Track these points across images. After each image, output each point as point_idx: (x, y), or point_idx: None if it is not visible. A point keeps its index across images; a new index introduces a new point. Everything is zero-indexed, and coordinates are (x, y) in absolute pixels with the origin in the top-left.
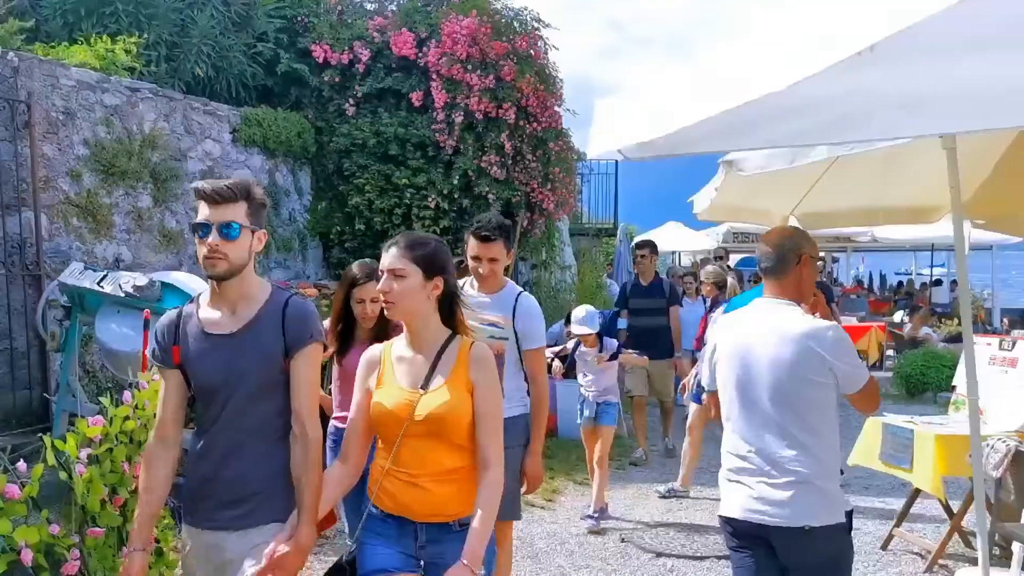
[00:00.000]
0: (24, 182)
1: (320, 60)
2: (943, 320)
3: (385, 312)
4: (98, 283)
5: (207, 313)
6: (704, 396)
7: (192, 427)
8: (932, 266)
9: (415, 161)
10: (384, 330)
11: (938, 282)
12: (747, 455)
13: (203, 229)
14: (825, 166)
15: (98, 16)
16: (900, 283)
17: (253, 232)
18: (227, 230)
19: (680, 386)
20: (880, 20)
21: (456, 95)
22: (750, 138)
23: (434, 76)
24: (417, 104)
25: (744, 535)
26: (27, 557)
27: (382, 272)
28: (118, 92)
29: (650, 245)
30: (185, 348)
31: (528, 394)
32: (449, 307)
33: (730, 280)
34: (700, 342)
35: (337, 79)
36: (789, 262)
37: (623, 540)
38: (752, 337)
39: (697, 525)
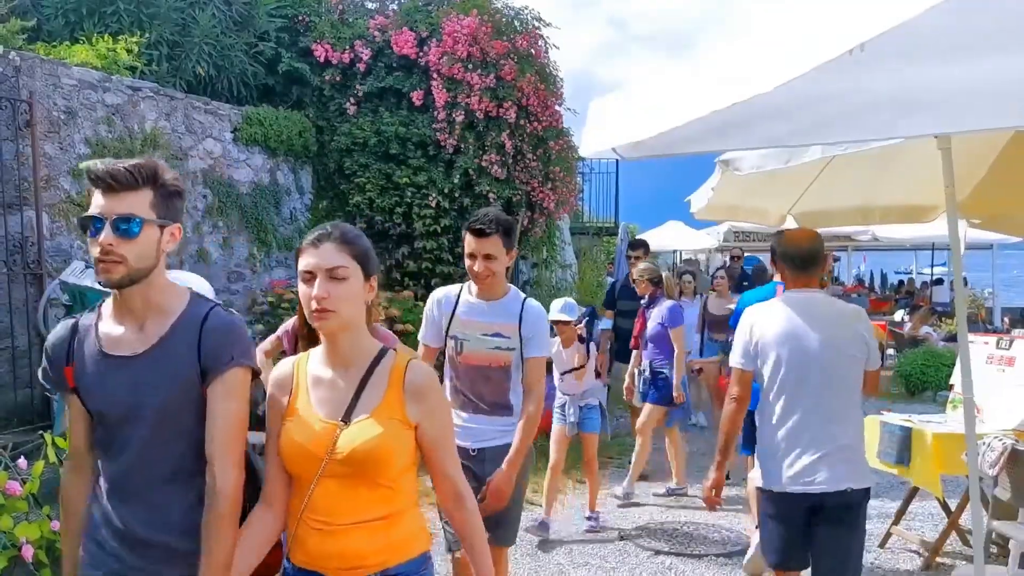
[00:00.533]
0: (26, 181)
1: (321, 59)
2: (943, 319)
3: (317, 324)
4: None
5: (108, 327)
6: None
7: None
8: (933, 265)
9: (416, 160)
10: None
11: (939, 281)
12: (795, 429)
13: (95, 224)
14: (821, 166)
15: (100, 16)
16: (901, 282)
17: (162, 227)
18: (125, 226)
19: (624, 388)
20: (881, 17)
21: (457, 94)
22: (744, 138)
23: (435, 75)
24: (418, 103)
25: (790, 507)
26: (28, 553)
27: (310, 272)
28: (119, 91)
29: (644, 246)
30: (80, 369)
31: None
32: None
33: (665, 274)
34: (638, 340)
35: (338, 78)
36: (819, 259)
37: (622, 538)
38: (804, 321)
39: (696, 523)
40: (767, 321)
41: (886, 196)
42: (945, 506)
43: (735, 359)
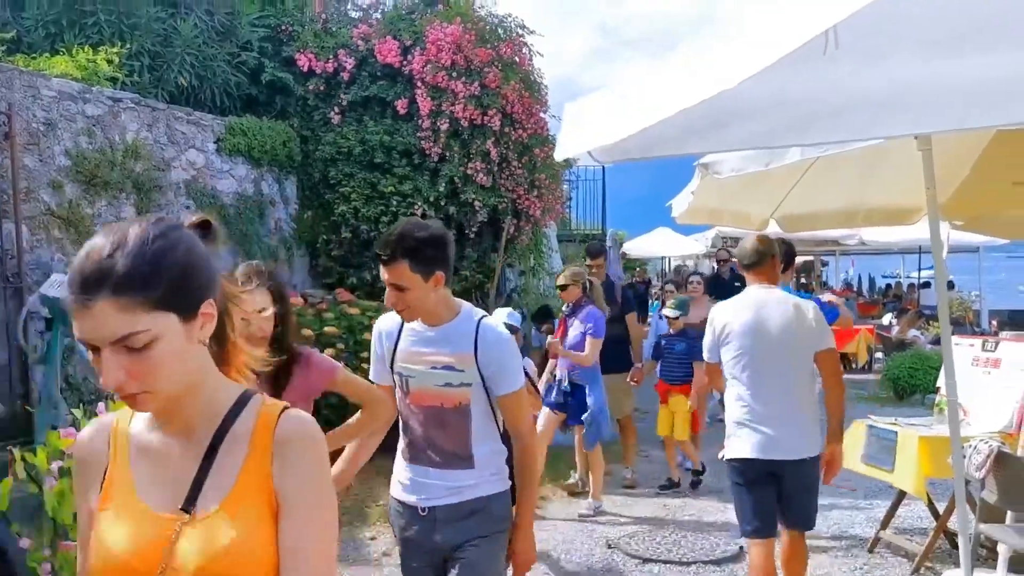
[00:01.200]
0: (5, 194)
1: (305, 69)
2: (931, 322)
3: (133, 406)
4: None
5: None
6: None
7: None
8: (920, 268)
9: (401, 169)
10: (284, 354)
11: (926, 284)
12: (761, 406)
13: None
14: (803, 168)
15: (80, 27)
16: (888, 286)
17: None
18: None
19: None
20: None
21: (441, 102)
22: (722, 139)
23: (419, 84)
24: (402, 112)
25: (755, 472)
26: None
27: (92, 346)
28: (100, 102)
29: (604, 254)
30: None
31: (508, 462)
32: (217, 337)
33: (596, 282)
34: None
35: (322, 87)
36: (765, 260)
37: (609, 546)
38: (762, 313)
39: (684, 530)
40: (730, 316)
41: (869, 198)
42: (933, 510)
43: (704, 354)
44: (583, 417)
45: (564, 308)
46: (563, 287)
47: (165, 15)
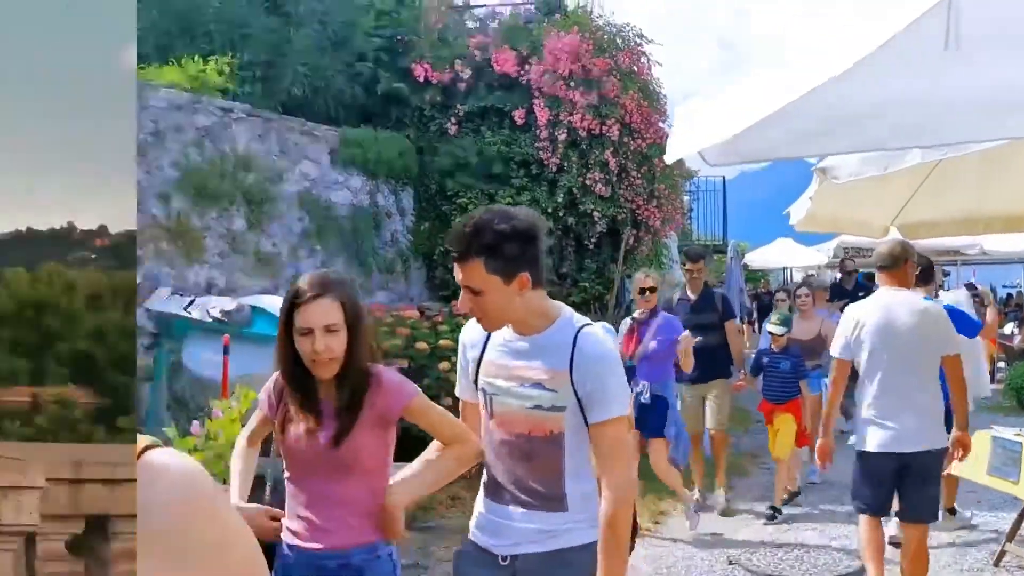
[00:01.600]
0: None
1: (421, 79)
2: None
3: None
4: (185, 308)
5: None
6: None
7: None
8: None
9: (518, 180)
10: (354, 380)
11: None
12: (892, 400)
13: None
14: (925, 174)
15: (191, 37)
16: (1009, 295)
17: None
18: None
19: None
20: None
21: (559, 112)
22: (838, 142)
23: (536, 93)
24: (520, 122)
25: (880, 465)
26: None
27: None
28: (210, 113)
29: (703, 257)
30: None
31: None
32: None
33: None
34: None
35: (438, 98)
36: (898, 263)
37: (731, 562)
38: (894, 313)
39: (806, 545)
40: (863, 316)
41: (991, 204)
42: None
43: (835, 351)
44: (667, 433)
45: (637, 314)
46: (653, 289)
47: (278, 25)
